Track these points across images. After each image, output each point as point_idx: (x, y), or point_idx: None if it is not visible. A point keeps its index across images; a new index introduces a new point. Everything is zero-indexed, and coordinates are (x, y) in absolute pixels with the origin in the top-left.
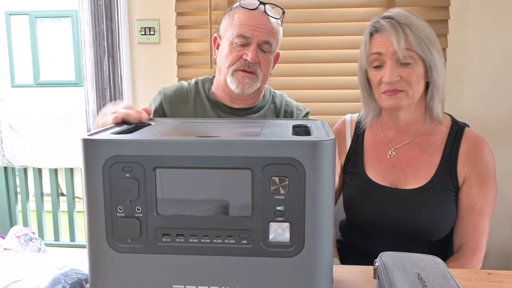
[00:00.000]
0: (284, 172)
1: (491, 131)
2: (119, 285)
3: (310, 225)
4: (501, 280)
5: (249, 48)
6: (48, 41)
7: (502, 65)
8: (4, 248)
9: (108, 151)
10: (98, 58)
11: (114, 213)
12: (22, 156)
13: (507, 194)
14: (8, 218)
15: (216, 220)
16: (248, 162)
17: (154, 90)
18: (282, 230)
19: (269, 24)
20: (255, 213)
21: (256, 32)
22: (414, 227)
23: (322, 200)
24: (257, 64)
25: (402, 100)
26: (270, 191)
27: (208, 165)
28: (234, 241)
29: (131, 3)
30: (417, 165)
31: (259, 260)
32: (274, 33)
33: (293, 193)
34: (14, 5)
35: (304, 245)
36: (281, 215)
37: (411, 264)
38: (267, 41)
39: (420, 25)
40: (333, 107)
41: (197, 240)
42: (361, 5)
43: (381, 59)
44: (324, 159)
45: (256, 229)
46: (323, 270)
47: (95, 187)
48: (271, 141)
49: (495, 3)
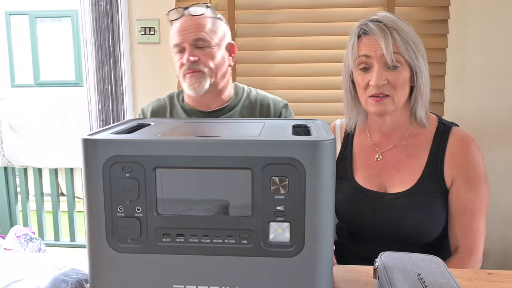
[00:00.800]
0: (284, 172)
1: (491, 131)
2: (119, 285)
3: (310, 225)
4: (501, 280)
5: (185, 53)
6: (48, 41)
7: (502, 65)
8: (4, 248)
9: (108, 151)
10: (99, 58)
11: (114, 213)
12: (22, 156)
13: (506, 195)
14: (8, 218)
15: (216, 220)
16: (248, 162)
17: (154, 90)
18: (282, 230)
19: (195, 22)
20: (255, 213)
21: (184, 36)
22: (402, 231)
23: (322, 200)
24: (196, 62)
25: (387, 106)
26: (270, 191)
27: (208, 165)
28: (234, 241)
29: (131, 3)
30: (404, 168)
31: (259, 260)
32: (203, 27)
33: (293, 193)
34: (14, 5)
35: (304, 245)
36: (281, 215)
37: (411, 264)
38: (198, 38)
39: (407, 29)
40: (333, 107)
41: (197, 240)
42: (361, 5)
43: (368, 62)
44: (324, 159)
45: (256, 229)
46: (323, 270)
47: (95, 187)
48: (271, 141)
49: (495, 3)
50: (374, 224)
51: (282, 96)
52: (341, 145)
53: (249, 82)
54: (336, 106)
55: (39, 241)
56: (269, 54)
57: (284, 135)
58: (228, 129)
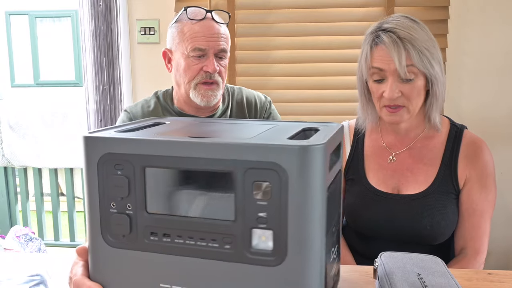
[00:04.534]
0: (267, 178)
1: (491, 131)
2: (112, 279)
3: (293, 235)
4: (501, 280)
5: (207, 60)
6: (48, 41)
7: (502, 65)
8: (4, 248)
9: (103, 148)
10: (98, 58)
11: (108, 208)
12: (22, 156)
13: (507, 195)
14: (8, 218)
15: (200, 222)
16: (230, 165)
17: (154, 90)
18: (265, 237)
19: (220, 32)
20: (238, 218)
21: (210, 43)
22: (417, 232)
23: (308, 209)
24: (217, 73)
25: (402, 116)
26: (253, 196)
27: (192, 166)
28: (218, 245)
29: (131, 3)
30: (418, 170)
31: (241, 266)
32: (226, 38)
33: (276, 200)
34: (14, 5)
35: (286, 255)
36: (264, 222)
37: (411, 264)
38: (223, 49)
39: (421, 37)
40: (333, 107)
41: (182, 241)
42: (361, 5)
43: (382, 74)
44: (310, 165)
45: (239, 235)
46: (308, 283)
47: (92, 182)
48: (252, 144)
49: (495, 3)
50: (389, 226)
51: (282, 96)
52: (351, 146)
53: (249, 82)
54: (336, 106)
55: (39, 241)
56: (269, 54)
57: (275, 138)
58: (233, 130)
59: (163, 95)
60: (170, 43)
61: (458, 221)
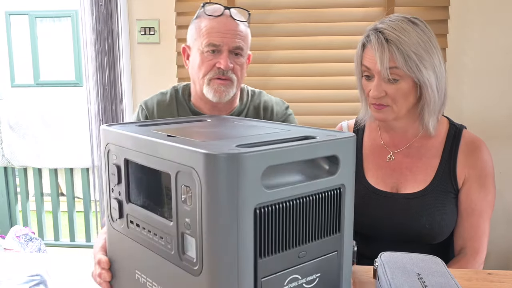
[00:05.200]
0: (190, 182)
1: (490, 131)
2: (115, 255)
3: (208, 245)
4: (501, 280)
5: (221, 56)
6: (48, 41)
7: (502, 65)
8: (4, 248)
9: (106, 139)
10: (99, 58)
11: (109, 192)
12: (22, 156)
13: (507, 195)
14: (8, 218)
15: (155, 219)
16: (168, 166)
17: (154, 90)
18: (190, 244)
19: (237, 29)
20: (174, 220)
21: (225, 39)
22: (416, 231)
23: (219, 219)
24: (230, 70)
25: (387, 114)
26: (181, 199)
27: (150, 163)
28: (163, 243)
29: (131, 3)
30: (417, 168)
31: (177, 269)
32: (243, 36)
33: (195, 206)
34: (14, 5)
35: (203, 267)
36: (189, 228)
37: (411, 264)
38: (238, 46)
39: (412, 40)
40: (333, 107)
41: (145, 233)
42: (361, 5)
43: (370, 72)
44: (219, 173)
45: (175, 238)
46: None
47: (103, 168)
48: (178, 147)
49: (495, 4)
50: (388, 225)
51: (282, 96)
52: None
53: (248, 82)
54: (336, 106)
55: (39, 241)
56: (269, 54)
57: (225, 145)
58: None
59: (182, 89)
60: (189, 40)
61: (457, 220)
